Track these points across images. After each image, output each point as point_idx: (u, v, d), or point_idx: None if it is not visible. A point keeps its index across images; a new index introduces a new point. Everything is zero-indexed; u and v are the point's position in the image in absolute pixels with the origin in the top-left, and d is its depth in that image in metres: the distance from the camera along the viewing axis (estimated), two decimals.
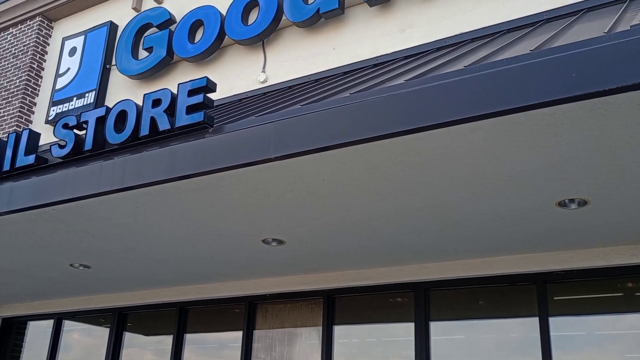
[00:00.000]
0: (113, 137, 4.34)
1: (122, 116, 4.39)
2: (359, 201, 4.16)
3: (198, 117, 3.95)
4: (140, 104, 4.49)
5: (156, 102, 4.20)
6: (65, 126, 4.59)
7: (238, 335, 6.43)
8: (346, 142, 3.37)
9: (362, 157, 3.54)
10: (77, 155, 4.55)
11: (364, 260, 5.42)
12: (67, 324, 7.72)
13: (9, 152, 4.85)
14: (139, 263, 5.92)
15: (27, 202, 4.54)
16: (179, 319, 6.68)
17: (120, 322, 7.14)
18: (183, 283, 6.57)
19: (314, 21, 6.70)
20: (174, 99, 4.15)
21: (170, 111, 4.14)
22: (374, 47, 6.35)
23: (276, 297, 6.18)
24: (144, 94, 4.33)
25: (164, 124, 4.11)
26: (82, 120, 4.57)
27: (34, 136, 4.87)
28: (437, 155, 3.44)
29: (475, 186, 3.81)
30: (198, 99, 4.01)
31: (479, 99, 2.94)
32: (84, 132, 4.61)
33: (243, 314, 6.37)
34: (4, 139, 5.04)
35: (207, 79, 4.06)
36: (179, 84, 4.18)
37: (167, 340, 6.89)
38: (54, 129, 4.70)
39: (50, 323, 7.86)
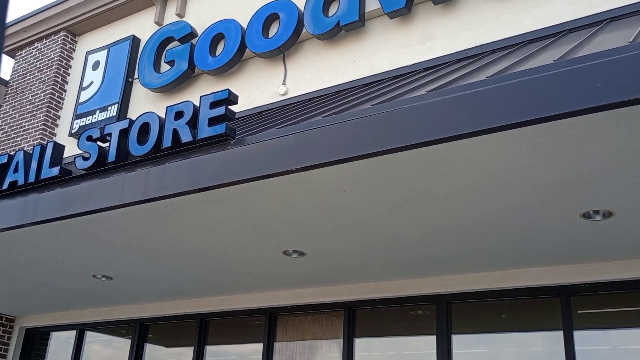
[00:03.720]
0: (136, 149, 4.39)
1: (145, 128, 4.44)
2: (379, 213, 4.14)
3: (220, 129, 3.98)
4: (163, 116, 4.54)
5: (178, 115, 4.24)
6: (89, 138, 4.65)
7: (258, 347, 6.43)
8: (367, 154, 3.37)
9: (383, 169, 3.53)
10: (101, 167, 4.60)
11: (385, 272, 5.39)
12: (89, 335, 7.77)
13: (34, 164, 4.92)
14: (160, 274, 5.95)
15: (51, 214, 4.60)
16: (200, 331, 6.70)
17: (141, 333, 7.17)
18: (204, 295, 6.59)
19: (334, 33, 6.72)
20: (196, 111, 4.19)
21: (193, 123, 4.17)
22: (394, 59, 6.36)
23: (296, 309, 6.16)
24: (167, 107, 4.37)
25: (186, 136, 4.14)
26: (105, 132, 4.62)
27: (59, 148, 4.94)
28: (458, 166, 3.42)
29: (497, 198, 3.78)
30: (220, 111, 4.04)
31: (502, 110, 2.92)
32: (107, 144, 4.66)
33: (263, 325, 6.36)
34: (29, 151, 5.11)
35: (229, 91, 4.09)
36: (201, 97, 4.22)
37: (187, 352, 6.91)
38: (78, 141, 4.76)
39: (71, 334, 7.92)
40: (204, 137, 4.06)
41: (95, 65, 9.04)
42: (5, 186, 5.05)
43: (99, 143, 4.68)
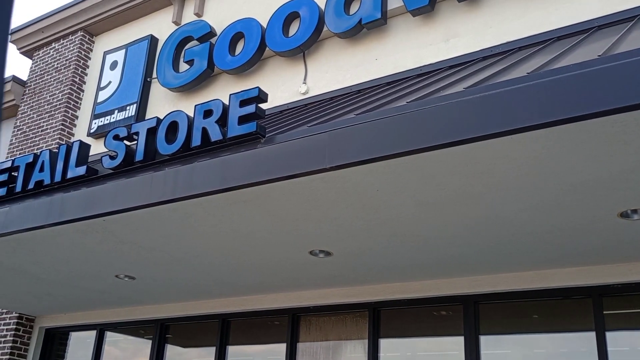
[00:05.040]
0: (164, 148, 4.35)
1: (173, 127, 4.40)
2: (411, 212, 4.09)
3: (250, 127, 3.94)
4: (191, 115, 4.50)
5: (207, 113, 4.20)
6: (116, 137, 4.62)
7: (280, 347, 6.38)
8: (403, 152, 3.31)
9: (419, 167, 3.48)
10: (128, 166, 4.57)
11: (412, 272, 5.33)
12: (109, 335, 7.75)
13: (60, 164, 4.90)
14: (183, 274, 5.92)
15: (78, 213, 4.58)
16: (222, 331, 6.66)
17: (162, 333, 7.14)
18: (226, 295, 6.55)
19: (356, 32, 6.67)
20: (225, 109, 4.14)
21: (222, 122, 4.13)
22: (417, 57, 6.29)
23: (320, 310, 6.11)
24: (195, 105, 4.33)
25: (215, 135, 4.10)
26: (132, 131, 4.59)
27: (85, 147, 4.91)
28: (496, 164, 3.36)
29: (533, 197, 3.71)
30: (250, 109, 4.00)
31: (546, 106, 2.86)
32: (134, 143, 4.63)
33: (286, 326, 6.31)
34: (54, 151, 5.09)
35: (259, 89, 4.05)
36: (230, 95, 4.18)
37: (208, 352, 6.87)
38: (105, 140, 4.74)
39: (91, 334, 7.90)
40: (234, 136, 4.02)
41: (113, 65, 9.03)
42: (31, 185, 5.03)
43: (126, 142, 4.65)
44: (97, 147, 7.66)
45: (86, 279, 6.20)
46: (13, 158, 5.36)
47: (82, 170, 4.75)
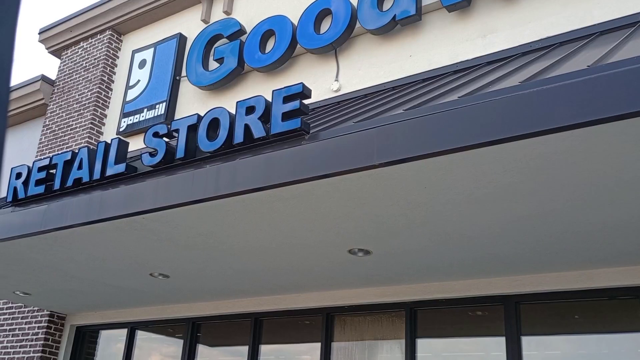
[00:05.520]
0: (206, 145, 4.31)
1: (214, 124, 4.36)
2: (457, 210, 4.00)
3: (294, 123, 3.88)
4: (231, 111, 4.46)
5: (250, 109, 4.15)
6: (156, 135, 4.59)
7: (313, 346, 6.33)
8: (456, 148, 3.24)
9: (472, 164, 3.40)
10: (168, 164, 4.53)
11: (451, 271, 5.24)
12: (139, 333, 7.75)
13: (98, 161, 4.88)
14: (217, 273, 5.88)
15: (118, 211, 4.55)
16: (254, 330, 6.61)
17: (193, 332, 7.12)
18: (259, 294, 6.51)
19: (390, 28, 6.59)
20: (268, 106, 4.09)
21: (265, 118, 4.08)
22: (453, 53, 6.20)
23: (355, 309, 6.04)
24: (237, 102, 4.29)
25: (258, 132, 4.05)
26: (172, 128, 4.56)
27: (123, 145, 4.89)
28: (552, 161, 3.27)
29: (587, 193, 3.61)
30: (294, 105, 3.94)
31: (612, 100, 2.77)
32: (174, 140, 4.60)
33: (320, 325, 6.26)
34: (93, 148, 5.08)
35: (303, 85, 3.99)
36: (273, 91, 4.13)
37: (240, 351, 6.84)
38: (144, 137, 4.71)
39: (121, 332, 7.91)
40: (278, 132, 3.96)
41: (142, 64, 9.04)
42: (69, 183, 5.02)
43: (165, 139, 4.62)
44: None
45: (120, 277, 6.19)
46: (51, 155, 5.35)
47: (121, 167, 4.72)
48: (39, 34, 10.34)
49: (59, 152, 9.10)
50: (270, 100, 4.13)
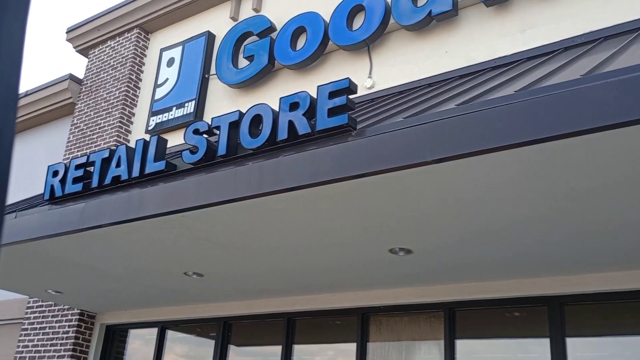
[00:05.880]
0: (248, 142, 4.24)
1: (256, 120, 4.29)
2: (506, 208, 3.90)
3: (341, 119, 3.80)
4: (271, 108, 4.39)
5: (294, 105, 4.07)
6: (196, 132, 4.54)
7: (348, 347, 6.25)
8: (514, 144, 3.13)
9: (528, 160, 3.30)
10: (209, 161, 4.47)
11: (492, 271, 5.13)
12: (170, 333, 7.72)
13: (137, 159, 4.84)
14: (252, 272, 5.82)
15: (157, 209, 4.50)
16: (287, 330, 6.54)
17: (225, 331, 7.07)
18: (292, 293, 6.44)
19: (425, 24, 6.48)
20: (312, 101, 4.01)
21: (309, 114, 4.00)
22: (491, 49, 6.08)
23: (391, 309, 5.95)
24: (280, 98, 4.21)
25: (303, 128, 3.98)
26: (213, 125, 4.49)
27: (162, 142, 4.84)
28: (616, 156, 3.16)
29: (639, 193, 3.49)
30: (341, 100, 3.86)
31: None
32: (214, 137, 4.54)
33: (355, 326, 6.17)
34: (131, 146, 5.04)
35: (350, 80, 3.91)
36: (318, 86, 4.05)
37: (272, 352, 6.77)
38: (185, 134, 4.66)
39: (151, 331, 7.88)
40: (324, 129, 3.88)
41: (170, 62, 9.01)
42: (107, 181, 4.98)
43: (205, 136, 4.56)
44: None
45: (154, 276, 6.15)
46: (88, 153, 5.33)
47: (161, 165, 4.67)
48: (67, 32, 10.36)
49: (88, 150, 9.10)
50: (313, 96, 4.05)
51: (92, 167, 5.22)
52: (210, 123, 4.54)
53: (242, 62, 7.95)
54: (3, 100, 0.86)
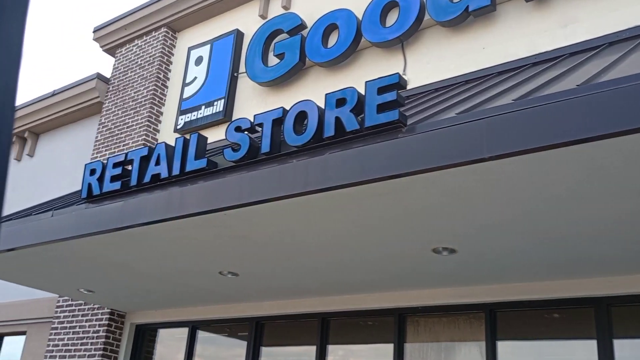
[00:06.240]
0: (292, 139, 4.17)
1: (300, 117, 4.22)
2: (559, 207, 3.79)
3: (392, 115, 3.71)
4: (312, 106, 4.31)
5: (340, 102, 3.99)
6: (238, 129, 4.47)
7: (382, 347, 6.17)
8: (576, 140, 3.03)
9: (591, 157, 3.19)
10: (252, 159, 4.41)
11: (536, 272, 5.01)
12: (201, 332, 7.67)
13: (177, 157, 4.78)
14: (288, 272, 5.75)
15: (199, 207, 4.44)
16: (322, 330, 6.46)
17: (257, 331, 7.00)
18: (327, 293, 6.36)
19: (462, 20, 6.37)
20: (360, 97, 3.93)
21: (356, 111, 3.92)
22: (530, 45, 5.95)
23: (429, 310, 5.85)
24: (325, 94, 4.14)
25: (351, 124, 3.89)
26: (255, 122, 4.43)
27: (202, 140, 4.78)
28: None
29: None
30: (391, 96, 3.77)
31: None
32: (257, 134, 4.47)
33: (391, 326, 6.08)
34: (170, 144, 4.99)
35: (399, 75, 3.83)
36: (366, 82, 3.97)
37: (305, 352, 6.70)
38: (226, 132, 4.59)
39: (181, 331, 7.85)
40: (373, 125, 3.80)
41: (198, 61, 8.97)
42: (146, 179, 4.94)
43: (247, 133, 4.49)
44: None
45: (189, 275, 6.10)
46: (126, 151, 5.29)
47: (202, 163, 4.61)
48: (94, 32, 10.37)
49: (117, 149, 9.09)
50: (358, 92, 3.97)
51: (130, 165, 5.18)
52: (252, 120, 4.47)
53: (272, 60, 7.89)
54: (0, 100, 0.86)
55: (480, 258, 4.82)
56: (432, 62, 6.61)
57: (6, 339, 9.79)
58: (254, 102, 8.06)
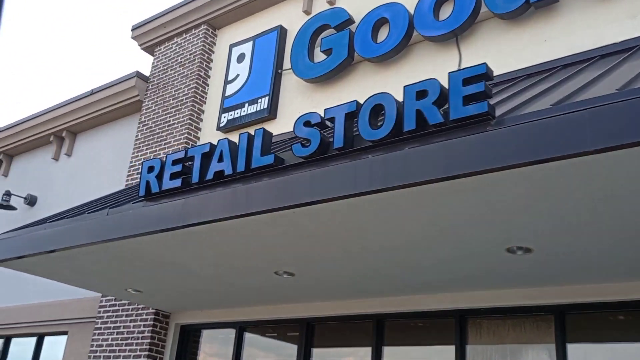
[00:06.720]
0: (369, 134, 4.00)
1: (375, 111, 4.05)
2: None
3: (481, 107, 3.54)
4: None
5: (421, 94, 3.82)
6: (307, 124, 4.32)
7: (441, 349, 5.99)
8: None
9: None
10: (323, 154, 4.25)
11: (614, 273, 4.79)
12: (248, 333, 7.54)
13: (242, 153, 4.65)
14: (348, 272, 5.59)
15: (267, 205, 4.30)
16: (377, 332, 6.29)
17: (308, 333, 6.85)
18: (383, 294, 6.18)
19: (522, 12, 6.17)
20: (442, 89, 3.76)
21: (439, 103, 3.75)
22: (597, 37, 5.73)
23: (493, 312, 5.65)
24: (404, 86, 3.97)
25: (434, 117, 3.72)
26: (326, 117, 4.27)
27: (268, 136, 4.64)
28: None
29: None
30: (478, 87, 3.60)
31: None
32: (327, 129, 4.32)
33: (449, 328, 5.89)
34: (233, 141, 4.85)
35: (486, 65, 3.65)
36: (449, 73, 3.80)
37: (358, 353, 6.55)
38: (294, 127, 4.45)
39: (227, 332, 7.72)
40: (459, 118, 3.62)
41: (240, 58, 8.85)
42: (210, 176, 4.81)
43: (316, 128, 4.34)
44: None
45: (243, 274, 5.97)
46: (186, 148, 5.17)
47: (269, 159, 4.47)
48: (132, 30, 10.30)
49: (158, 148, 9.01)
50: (440, 83, 3.79)
51: (191, 163, 5.05)
52: (322, 114, 4.32)
53: (319, 56, 7.74)
54: None
55: (556, 258, 4.62)
56: (489, 56, 6.38)
57: (47, 338, 9.75)
58: (299, 99, 7.92)
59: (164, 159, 5.18)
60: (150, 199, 5.22)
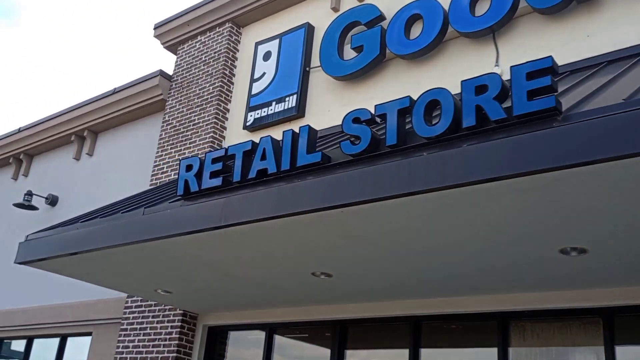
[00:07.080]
0: (424, 130, 3.87)
1: (430, 107, 3.92)
2: None
3: (547, 102, 3.40)
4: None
5: (480, 89, 3.69)
6: (356, 120, 4.19)
7: (482, 352, 5.86)
8: None
9: None
10: (373, 152, 4.12)
11: None
12: (278, 335, 7.42)
13: (286, 151, 4.52)
14: (388, 274, 5.46)
15: (314, 204, 4.18)
16: (414, 335, 6.15)
17: (342, 335, 6.72)
18: (420, 296, 6.04)
19: (563, 7, 6.02)
20: (504, 84, 3.62)
21: (500, 98, 3.61)
22: None
23: (538, 315, 5.50)
24: (461, 81, 3.84)
25: (496, 113, 3.58)
26: (377, 113, 4.14)
27: (313, 133, 4.51)
28: None
29: None
30: (544, 81, 3.46)
31: None
32: (377, 126, 4.19)
33: (490, 331, 5.74)
34: (276, 138, 4.73)
35: (552, 58, 3.51)
36: (511, 67, 3.67)
37: (394, 355, 6.42)
38: (342, 124, 4.32)
39: (256, 333, 7.61)
40: (524, 113, 3.48)
41: (267, 56, 8.73)
42: (252, 175, 4.69)
43: (366, 125, 4.21)
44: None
45: (280, 275, 5.84)
46: (226, 146, 5.05)
47: (315, 157, 4.34)
48: (154, 29, 10.20)
49: (183, 147, 8.91)
50: (501, 78, 3.66)
51: (231, 161, 4.93)
52: (373, 111, 4.19)
53: (349, 54, 7.61)
54: None
55: (611, 259, 4.48)
56: (529, 52, 6.23)
57: (70, 339, 9.67)
58: (328, 97, 7.80)
59: (203, 157, 5.07)
60: (188, 198, 5.11)
